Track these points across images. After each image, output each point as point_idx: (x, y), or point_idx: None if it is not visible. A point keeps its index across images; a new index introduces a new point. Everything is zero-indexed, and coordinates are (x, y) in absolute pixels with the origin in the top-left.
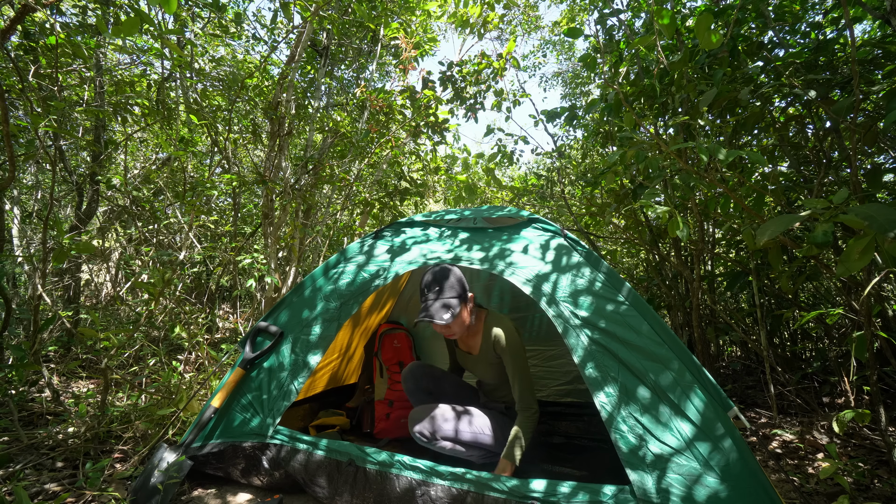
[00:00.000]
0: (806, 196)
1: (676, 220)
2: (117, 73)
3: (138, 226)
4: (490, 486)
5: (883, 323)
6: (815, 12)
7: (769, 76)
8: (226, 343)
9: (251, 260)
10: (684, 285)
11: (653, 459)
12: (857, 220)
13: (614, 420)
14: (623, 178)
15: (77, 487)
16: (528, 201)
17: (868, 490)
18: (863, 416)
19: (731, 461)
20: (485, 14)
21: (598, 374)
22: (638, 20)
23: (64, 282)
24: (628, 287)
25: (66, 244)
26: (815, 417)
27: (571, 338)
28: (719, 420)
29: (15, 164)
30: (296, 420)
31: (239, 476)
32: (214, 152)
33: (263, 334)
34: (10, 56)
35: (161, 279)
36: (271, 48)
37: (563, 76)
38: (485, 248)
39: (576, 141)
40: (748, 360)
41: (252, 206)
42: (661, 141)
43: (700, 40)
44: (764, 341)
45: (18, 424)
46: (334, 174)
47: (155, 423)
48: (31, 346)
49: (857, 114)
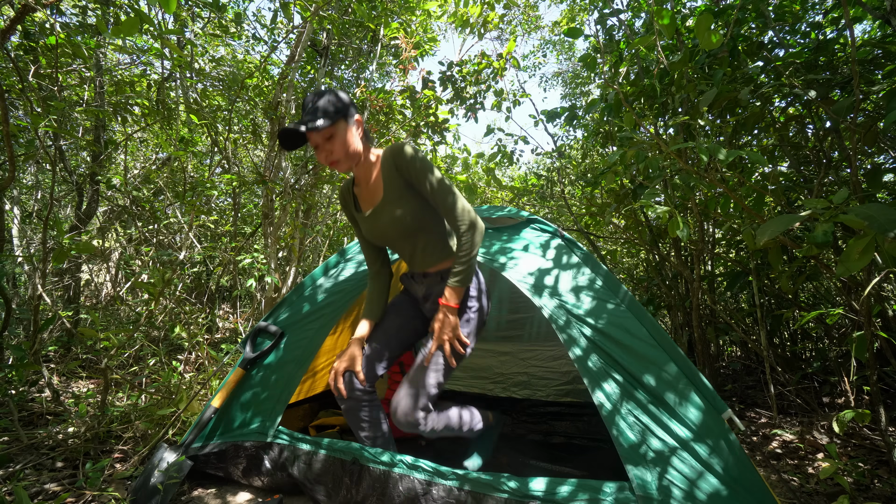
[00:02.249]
0: (806, 196)
1: (676, 220)
2: (117, 73)
3: (138, 226)
4: (490, 487)
5: (883, 323)
6: (815, 12)
7: (769, 76)
8: (226, 343)
9: (251, 260)
10: (684, 285)
11: (653, 457)
12: (857, 220)
13: (614, 417)
14: (623, 178)
15: (77, 487)
16: (528, 201)
17: (868, 490)
18: (863, 416)
19: (731, 461)
20: (485, 14)
21: (596, 372)
22: (638, 20)
23: (64, 282)
24: (624, 289)
25: (66, 244)
26: (815, 417)
27: (570, 338)
28: (715, 423)
29: (15, 164)
30: (296, 420)
31: (239, 476)
32: (214, 152)
33: (264, 334)
34: (10, 56)
35: (161, 279)
36: (271, 48)
37: (563, 76)
38: (484, 247)
39: (576, 141)
40: (748, 360)
41: (252, 206)
42: (661, 141)
43: (700, 40)
44: (764, 341)
45: (18, 424)
46: (334, 174)
47: (155, 423)
48: (31, 346)
49: (857, 114)
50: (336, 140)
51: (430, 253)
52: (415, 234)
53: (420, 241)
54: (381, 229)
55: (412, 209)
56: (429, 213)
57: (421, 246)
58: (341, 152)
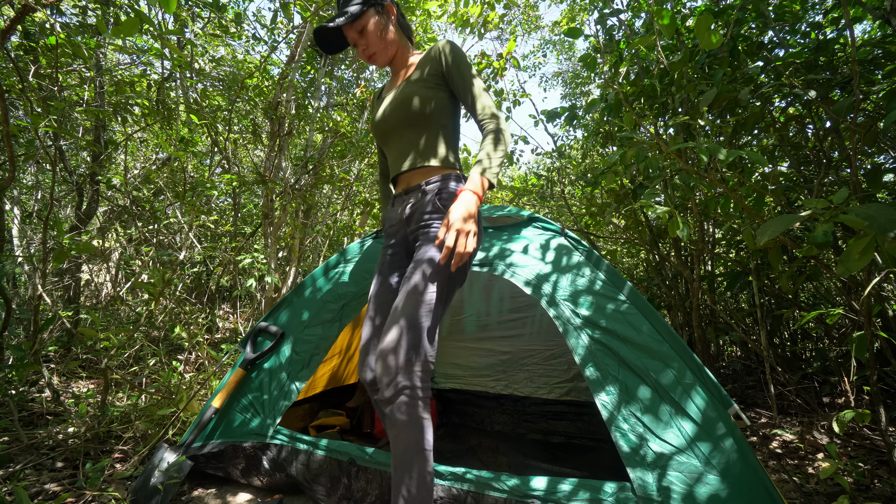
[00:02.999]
0: (806, 196)
1: (676, 220)
2: (117, 73)
3: (138, 226)
4: (490, 486)
5: (883, 323)
6: (815, 12)
7: (769, 76)
8: (226, 343)
9: (251, 260)
10: (684, 285)
11: (654, 458)
12: (857, 220)
13: (615, 419)
14: (623, 178)
15: (77, 487)
16: (528, 201)
17: (868, 490)
18: (863, 416)
19: (732, 460)
20: (485, 14)
21: (598, 373)
22: (638, 20)
23: (64, 282)
24: (629, 286)
25: (66, 244)
26: (815, 417)
27: (572, 338)
28: (720, 419)
29: (15, 164)
30: (296, 420)
31: (239, 476)
32: (214, 152)
33: (264, 335)
34: (10, 56)
35: (161, 279)
36: (271, 48)
37: (563, 76)
38: (485, 248)
39: (576, 141)
40: (748, 360)
41: (252, 206)
42: (661, 141)
43: (700, 40)
44: (764, 341)
45: (18, 424)
46: (334, 174)
47: (155, 423)
48: (31, 346)
49: (857, 114)
50: (368, 32)
51: (421, 151)
52: (415, 124)
53: (417, 136)
54: (385, 112)
55: (426, 96)
56: (443, 112)
57: (416, 141)
58: (376, 43)
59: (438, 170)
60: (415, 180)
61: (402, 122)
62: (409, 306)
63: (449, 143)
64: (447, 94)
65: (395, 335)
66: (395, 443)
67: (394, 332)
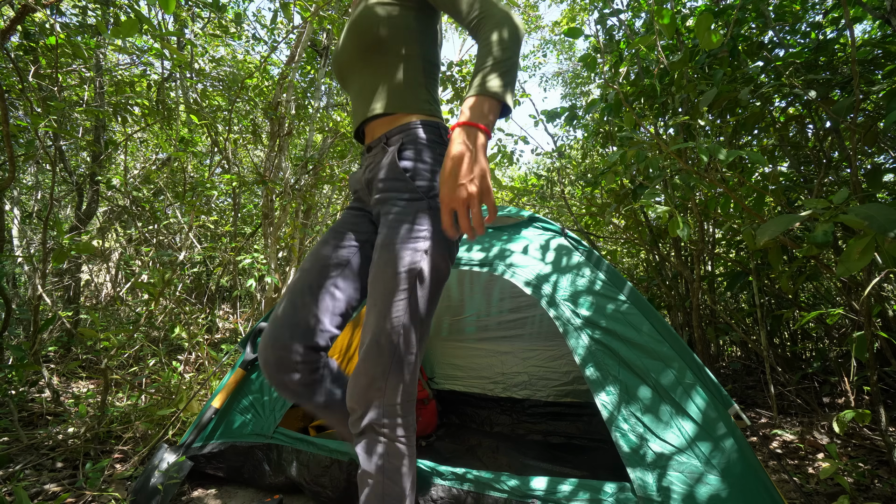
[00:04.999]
0: (806, 196)
1: (676, 220)
2: (117, 73)
3: (138, 226)
4: (491, 486)
5: (883, 323)
6: (815, 12)
7: (769, 76)
8: (226, 343)
9: (251, 260)
10: (684, 285)
11: (654, 458)
12: (857, 220)
13: (615, 419)
14: (623, 178)
15: (77, 488)
16: (528, 201)
17: (868, 490)
18: (863, 417)
19: (733, 460)
20: None
21: (598, 373)
22: (638, 20)
23: (64, 282)
24: (630, 286)
25: (66, 244)
26: (815, 417)
27: (572, 338)
28: (721, 419)
29: (15, 164)
30: (296, 420)
31: (239, 476)
32: (214, 152)
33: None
34: (10, 56)
35: (161, 279)
36: (271, 48)
37: (563, 76)
38: (484, 248)
39: (576, 141)
40: (748, 360)
41: (252, 206)
42: (661, 141)
43: (700, 40)
44: (764, 341)
45: (18, 424)
46: (334, 174)
47: (155, 423)
48: (31, 347)
49: (857, 114)
50: None
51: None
52: (372, 57)
53: (375, 72)
54: (340, 45)
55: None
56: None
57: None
58: None
59: (403, 117)
60: (378, 131)
61: (356, 54)
62: (379, 322)
63: (417, 79)
64: (414, 12)
65: (369, 359)
66: (362, 482)
67: (369, 355)
